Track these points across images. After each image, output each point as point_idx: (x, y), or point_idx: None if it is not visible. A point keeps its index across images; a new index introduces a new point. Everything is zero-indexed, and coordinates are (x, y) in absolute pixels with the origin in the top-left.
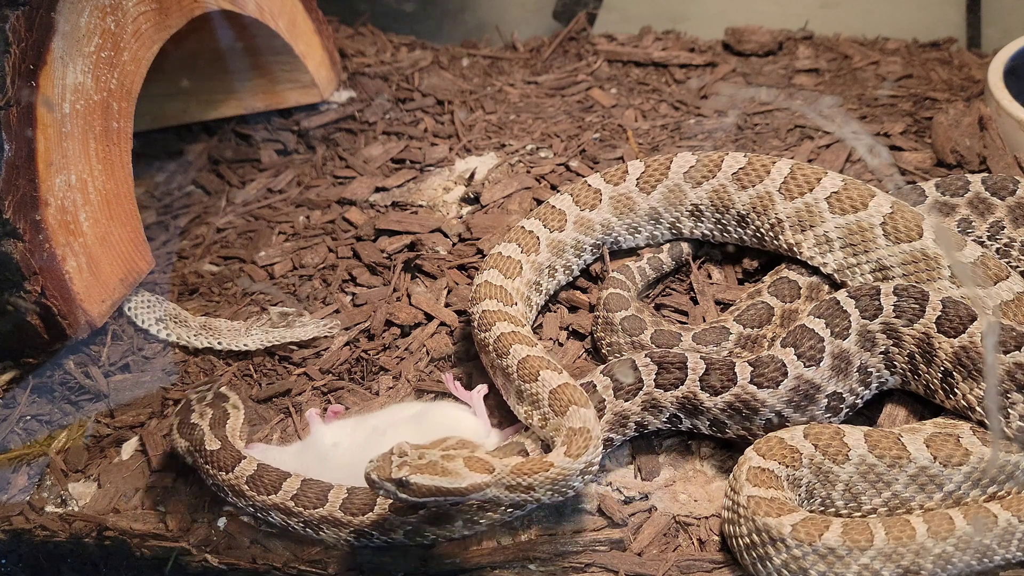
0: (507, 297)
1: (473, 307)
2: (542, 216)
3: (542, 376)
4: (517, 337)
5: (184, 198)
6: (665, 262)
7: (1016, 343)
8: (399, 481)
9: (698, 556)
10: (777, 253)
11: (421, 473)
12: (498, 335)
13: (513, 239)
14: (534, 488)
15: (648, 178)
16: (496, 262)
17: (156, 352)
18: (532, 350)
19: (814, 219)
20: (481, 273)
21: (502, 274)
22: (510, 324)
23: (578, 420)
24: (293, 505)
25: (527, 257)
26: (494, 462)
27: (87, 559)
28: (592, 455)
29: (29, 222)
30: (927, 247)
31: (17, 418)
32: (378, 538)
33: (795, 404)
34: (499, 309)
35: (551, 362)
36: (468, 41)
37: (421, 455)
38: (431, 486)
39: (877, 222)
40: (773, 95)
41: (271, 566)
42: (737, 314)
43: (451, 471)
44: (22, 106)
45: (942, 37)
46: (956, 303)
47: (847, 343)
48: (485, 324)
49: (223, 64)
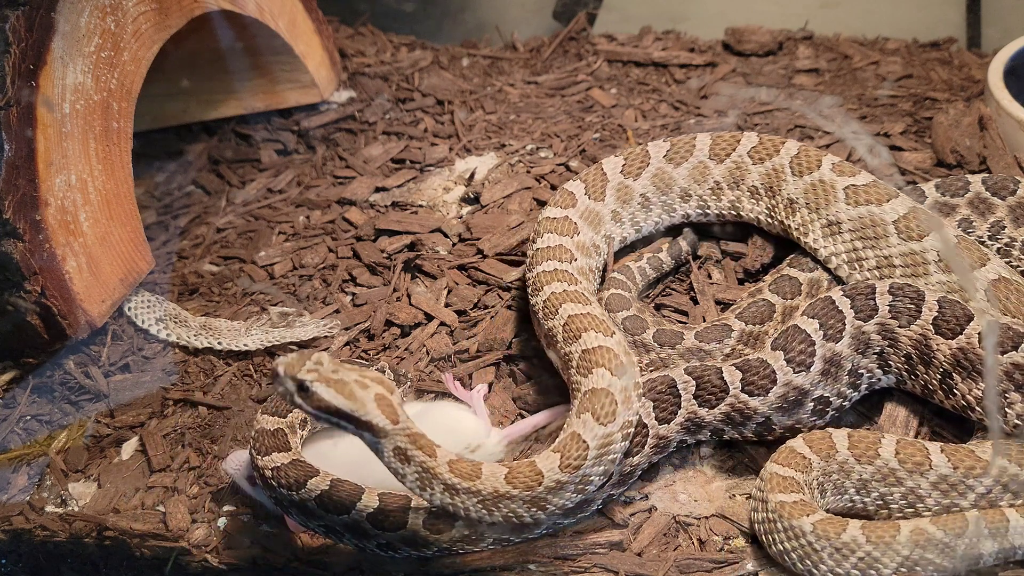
0: (568, 255)
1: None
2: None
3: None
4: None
5: (184, 198)
6: (665, 262)
7: (1014, 343)
8: (301, 383)
9: (698, 556)
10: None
11: (326, 386)
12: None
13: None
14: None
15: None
16: (554, 225)
17: (156, 352)
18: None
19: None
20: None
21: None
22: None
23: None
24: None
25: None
26: (407, 422)
27: (87, 559)
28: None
29: (29, 222)
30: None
31: (17, 418)
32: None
33: (783, 409)
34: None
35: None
36: (468, 41)
37: (336, 370)
38: (329, 403)
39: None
40: (773, 95)
41: (271, 566)
42: (739, 312)
43: (356, 398)
44: (22, 106)
45: (942, 37)
46: (953, 303)
47: (840, 346)
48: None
49: (223, 64)
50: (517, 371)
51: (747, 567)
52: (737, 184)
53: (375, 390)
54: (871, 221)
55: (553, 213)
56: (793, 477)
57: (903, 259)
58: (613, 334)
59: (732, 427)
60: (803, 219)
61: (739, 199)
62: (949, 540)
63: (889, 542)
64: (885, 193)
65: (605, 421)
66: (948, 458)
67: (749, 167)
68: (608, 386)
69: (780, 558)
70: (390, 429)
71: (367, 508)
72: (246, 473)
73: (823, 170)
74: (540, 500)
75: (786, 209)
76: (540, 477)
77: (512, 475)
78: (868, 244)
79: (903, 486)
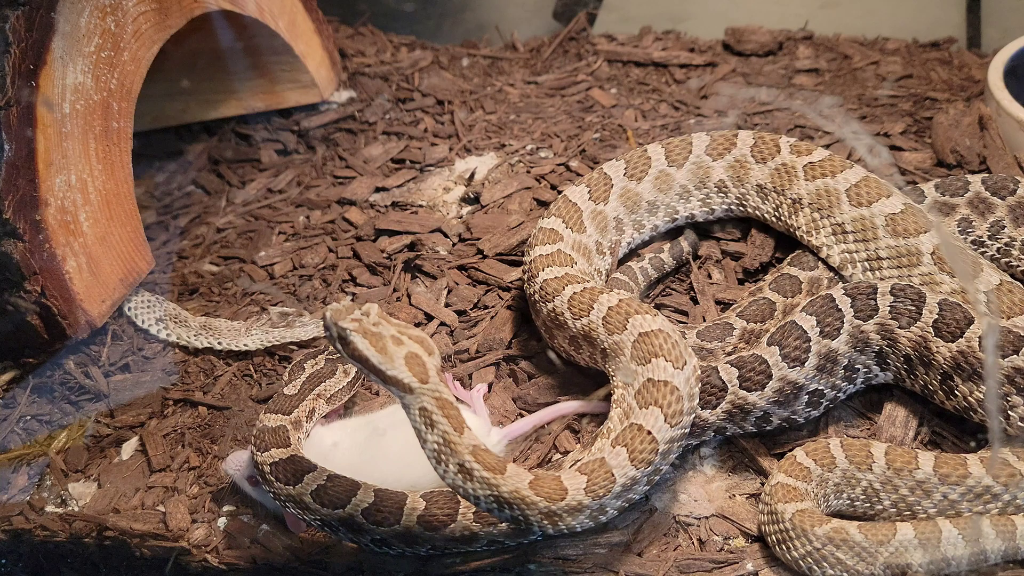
0: (568, 259)
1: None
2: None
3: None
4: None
5: (184, 198)
6: (667, 262)
7: (1015, 346)
8: (341, 331)
9: (698, 556)
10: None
11: (363, 337)
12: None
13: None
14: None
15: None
16: (561, 209)
17: (156, 352)
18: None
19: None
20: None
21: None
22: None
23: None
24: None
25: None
26: (438, 386)
27: (87, 559)
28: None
29: (29, 222)
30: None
31: (17, 418)
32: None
33: (779, 403)
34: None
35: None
36: (468, 41)
37: (377, 323)
38: (362, 354)
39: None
40: (773, 95)
41: (271, 566)
42: (739, 310)
43: (387, 352)
44: (22, 106)
45: (942, 37)
46: (953, 305)
47: (836, 343)
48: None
49: (223, 64)
50: (517, 371)
51: (747, 567)
52: (703, 183)
53: (409, 348)
54: (826, 191)
55: (552, 225)
56: (800, 488)
57: (854, 224)
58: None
59: (733, 424)
60: (775, 202)
61: (708, 196)
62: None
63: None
64: (840, 165)
65: (639, 465)
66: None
67: (710, 164)
68: (649, 425)
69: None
70: (416, 387)
71: (363, 503)
72: (246, 473)
73: (784, 153)
74: (555, 516)
75: (758, 195)
76: (564, 493)
77: (537, 483)
78: (824, 214)
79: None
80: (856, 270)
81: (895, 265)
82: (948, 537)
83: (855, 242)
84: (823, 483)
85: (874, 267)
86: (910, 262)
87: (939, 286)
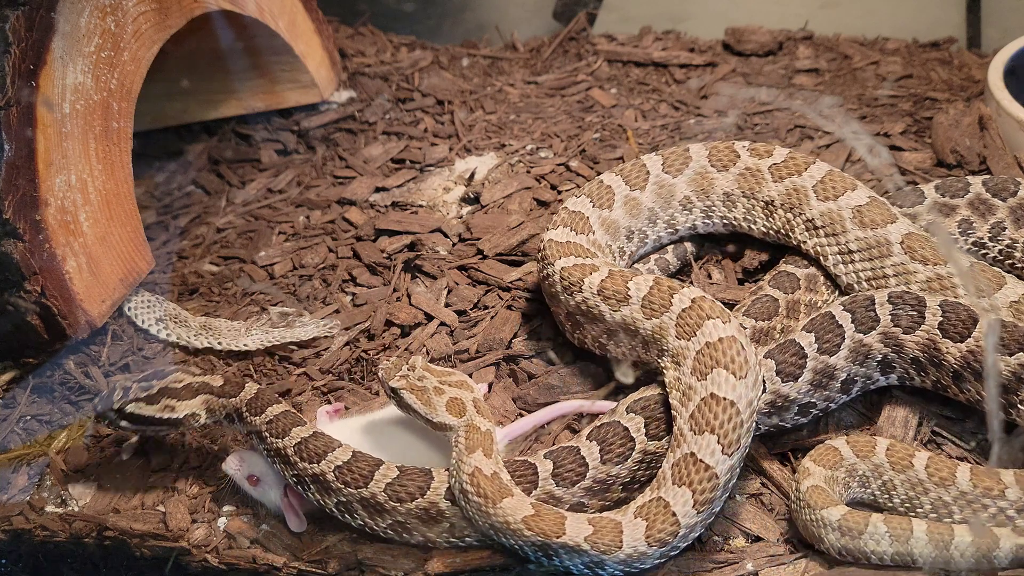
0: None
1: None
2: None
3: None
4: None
5: (184, 198)
6: (671, 262)
7: (1020, 344)
8: (392, 389)
9: (698, 556)
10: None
11: (410, 392)
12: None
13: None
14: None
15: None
16: (569, 217)
17: (156, 352)
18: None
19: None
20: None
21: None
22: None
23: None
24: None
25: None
26: (471, 418)
27: (87, 559)
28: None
29: (29, 222)
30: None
31: (17, 418)
32: None
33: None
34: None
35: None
36: (468, 41)
37: (422, 377)
38: (411, 406)
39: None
40: (773, 95)
41: (271, 566)
42: (744, 310)
43: (432, 404)
44: (22, 106)
45: (942, 37)
46: (955, 306)
47: (834, 359)
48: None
49: (223, 64)
50: (517, 371)
51: (747, 567)
52: (668, 202)
53: (450, 394)
54: (795, 189)
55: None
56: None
57: (823, 219)
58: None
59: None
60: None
61: (673, 216)
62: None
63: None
64: (804, 163)
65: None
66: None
67: (677, 184)
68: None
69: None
70: (454, 424)
71: (338, 460)
72: (246, 473)
73: (744, 158)
74: (550, 549)
75: (726, 204)
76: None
77: (536, 517)
78: (796, 212)
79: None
80: (828, 263)
81: (866, 257)
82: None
83: (826, 236)
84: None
85: (846, 260)
86: (880, 253)
87: (913, 275)
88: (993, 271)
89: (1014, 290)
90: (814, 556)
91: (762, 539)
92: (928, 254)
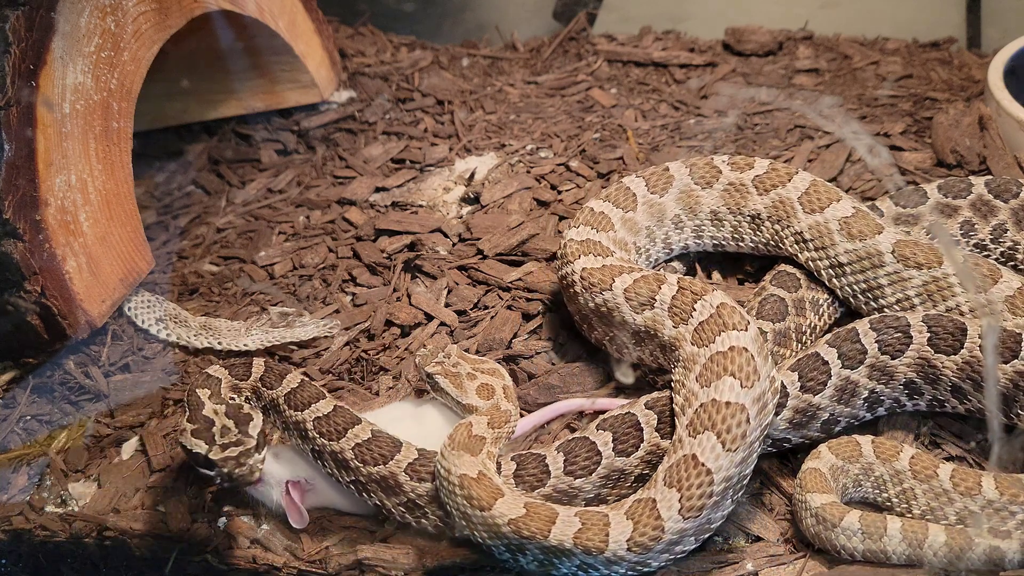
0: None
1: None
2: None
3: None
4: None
5: (184, 198)
6: (678, 268)
7: (1013, 351)
8: (428, 374)
9: (698, 556)
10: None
11: (444, 378)
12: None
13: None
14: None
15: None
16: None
17: (156, 352)
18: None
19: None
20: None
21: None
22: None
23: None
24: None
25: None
26: (497, 402)
27: (87, 559)
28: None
29: (29, 222)
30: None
31: (17, 418)
32: None
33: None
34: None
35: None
36: (468, 41)
37: (456, 364)
38: (444, 390)
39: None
40: (773, 95)
41: (271, 566)
42: (756, 313)
43: (463, 387)
44: (22, 106)
45: (942, 37)
46: (939, 318)
47: (855, 373)
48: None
49: (223, 64)
50: (517, 371)
51: (747, 567)
52: (661, 221)
53: (481, 380)
54: (781, 201)
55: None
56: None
57: (811, 231)
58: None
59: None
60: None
61: (668, 234)
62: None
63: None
64: (787, 173)
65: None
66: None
67: (668, 204)
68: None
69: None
70: (480, 406)
71: (320, 411)
72: None
73: (725, 174)
74: (553, 549)
75: (714, 223)
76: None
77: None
78: (783, 224)
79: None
80: (823, 278)
81: (857, 270)
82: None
83: (815, 250)
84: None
85: (838, 274)
86: (873, 264)
87: (908, 282)
88: (989, 264)
89: (1009, 284)
90: (814, 556)
91: (762, 539)
92: (922, 259)
